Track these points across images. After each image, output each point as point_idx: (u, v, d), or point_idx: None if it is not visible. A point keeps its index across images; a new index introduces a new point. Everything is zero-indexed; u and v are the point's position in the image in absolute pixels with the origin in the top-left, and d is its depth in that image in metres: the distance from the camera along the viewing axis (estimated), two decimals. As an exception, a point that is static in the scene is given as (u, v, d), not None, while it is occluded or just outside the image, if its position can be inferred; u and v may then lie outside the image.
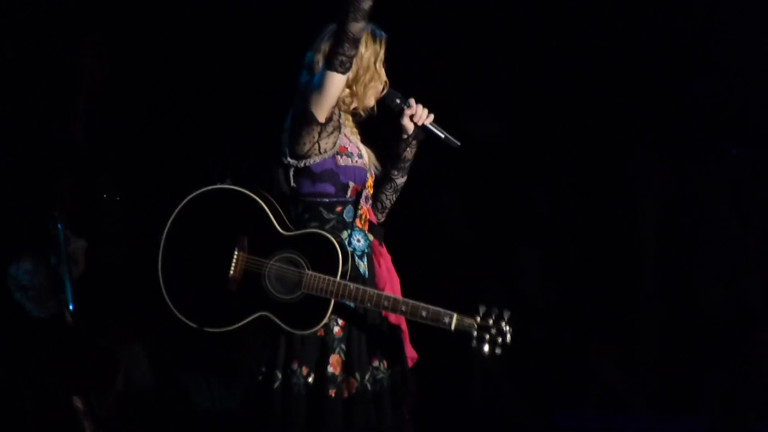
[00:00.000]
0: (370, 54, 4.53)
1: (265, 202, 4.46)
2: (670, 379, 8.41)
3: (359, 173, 4.57)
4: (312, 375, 4.48)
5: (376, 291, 4.45)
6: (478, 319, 4.40)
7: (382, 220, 4.76)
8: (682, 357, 8.40)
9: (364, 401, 4.48)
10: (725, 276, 8.45)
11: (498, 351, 4.39)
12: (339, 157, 4.52)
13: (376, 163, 4.72)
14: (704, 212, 8.47)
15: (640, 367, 8.49)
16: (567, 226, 8.46)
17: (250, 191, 4.48)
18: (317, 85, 4.42)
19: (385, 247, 4.72)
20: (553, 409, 8.24)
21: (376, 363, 4.55)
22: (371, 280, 4.59)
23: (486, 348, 4.38)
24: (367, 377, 4.52)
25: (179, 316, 4.46)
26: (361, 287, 4.42)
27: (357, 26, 4.32)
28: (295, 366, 4.47)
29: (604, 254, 8.55)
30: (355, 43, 4.34)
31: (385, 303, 4.41)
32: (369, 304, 4.42)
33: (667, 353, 8.44)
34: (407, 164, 4.72)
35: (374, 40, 4.56)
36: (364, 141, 4.70)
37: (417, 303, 4.40)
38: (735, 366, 8.31)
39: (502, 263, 8.32)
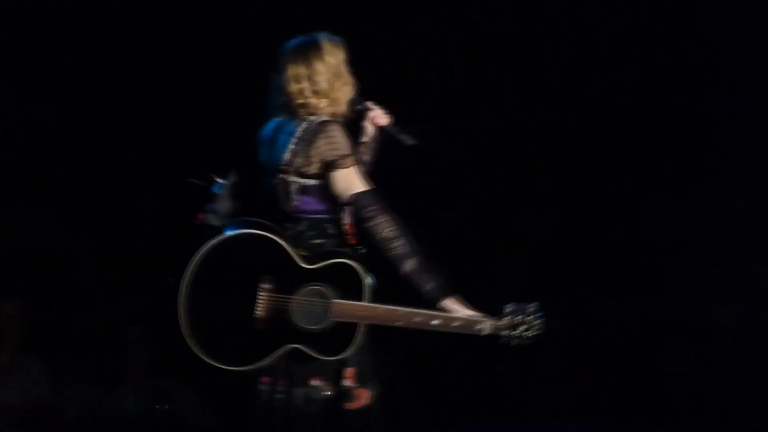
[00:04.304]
0: (336, 61, 4.59)
1: (280, 238, 4.46)
2: (577, 389, 8.54)
3: None
4: (332, 389, 4.51)
5: (405, 309, 4.45)
6: (508, 319, 4.51)
7: None
8: (589, 367, 8.56)
9: (378, 409, 4.56)
10: (634, 286, 8.63)
11: (527, 343, 4.52)
12: None
13: None
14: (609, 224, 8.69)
15: (546, 378, 8.61)
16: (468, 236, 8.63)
17: (266, 230, 4.48)
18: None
19: None
20: (455, 423, 8.27)
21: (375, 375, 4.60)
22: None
23: (516, 343, 4.50)
24: (376, 386, 4.58)
25: (206, 359, 4.43)
26: (391, 307, 4.44)
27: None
28: (315, 382, 4.51)
29: (510, 264, 8.70)
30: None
31: (417, 319, 4.45)
32: (400, 323, 4.46)
33: (574, 364, 8.59)
34: (366, 168, 4.75)
35: (334, 46, 4.60)
36: None
37: (448, 314, 4.46)
38: (644, 375, 8.48)
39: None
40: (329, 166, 4.47)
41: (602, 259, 8.72)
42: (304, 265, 4.45)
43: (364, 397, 4.55)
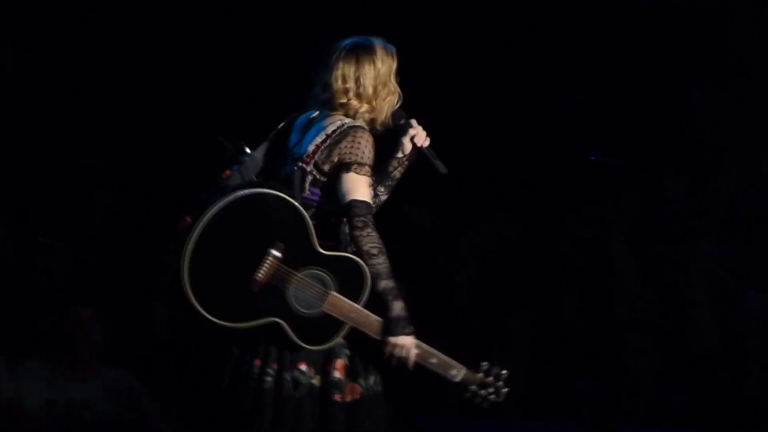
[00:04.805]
0: (386, 69, 4.62)
1: (308, 215, 4.49)
2: (540, 383, 8.57)
3: (376, 201, 4.69)
4: (319, 378, 4.54)
5: None
6: (481, 375, 4.60)
7: None
8: (552, 361, 8.60)
9: (368, 405, 4.56)
10: (594, 280, 8.63)
11: (485, 405, 4.60)
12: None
13: None
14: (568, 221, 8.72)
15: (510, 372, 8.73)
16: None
17: (297, 202, 4.50)
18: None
19: None
20: (416, 413, 8.16)
21: (373, 370, 4.61)
22: None
23: (478, 401, 4.60)
24: (371, 382, 4.60)
25: (192, 299, 4.43)
26: (382, 320, 4.45)
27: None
28: (304, 367, 4.54)
29: (474, 258, 8.72)
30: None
31: None
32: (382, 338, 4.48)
33: (537, 357, 8.64)
34: (394, 183, 4.79)
35: (387, 54, 4.64)
36: None
37: (429, 348, 4.54)
38: (605, 370, 8.49)
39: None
40: (343, 166, 4.52)
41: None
42: (317, 247, 4.48)
43: (354, 392, 4.57)
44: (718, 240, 8.65)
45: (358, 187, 4.50)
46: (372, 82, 4.59)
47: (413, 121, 4.74)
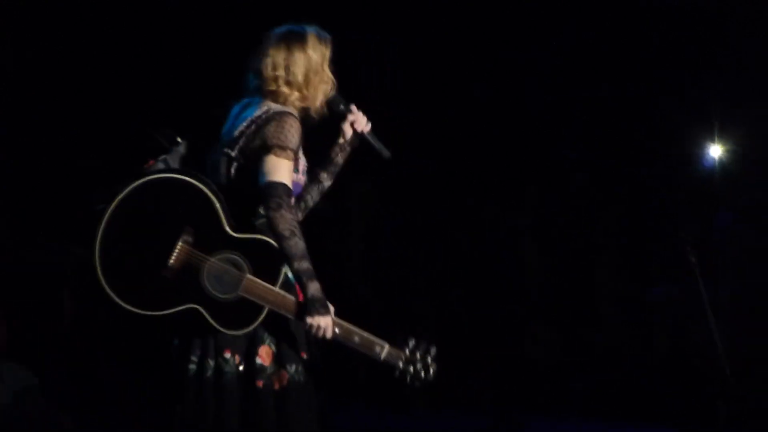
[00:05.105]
0: (318, 57, 4.57)
1: (217, 199, 4.42)
2: (444, 374, 8.68)
3: (297, 189, 4.59)
4: (243, 365, 4.46)
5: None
6: (407, 352, 4.49)
7: (300, 219, 4.69)
8: (453, 353, 8.69)
9: (296, 393, 4.48)
10: (498, 270, 8.72)
11: (417, 384, 4.49)
12: (293, 172, 4.52)
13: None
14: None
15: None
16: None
17: (206, 186, 4.43)
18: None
19: None
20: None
21: (304, 356, 4.52)
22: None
23: (408, 380, 4.48)
24: (298, 369, 4.50)
25: (106, 288, 4.37)
26: (305, 304, 4.38)
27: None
28: (228, 355, 4.46)
29: (377, 246, 8.81)
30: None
31: None
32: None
33: (442, 350, 8.74)
34: (337, 169, 4.78)
35: (320, 41, 4.58)
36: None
37: (351, 327, 4.45)
38: (505, 361, 8.58)
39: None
40: (264, 149, 4.45)
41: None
42: (229, 230, 4.41)
43: (282, 379, 4.49)
44: (625, 234, 8.70)
45: (277, 170, 4.42)
46: (302, 69, 4.54)
47: (353, 107, 4.72)
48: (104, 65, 8.22)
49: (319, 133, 4.71)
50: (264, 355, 4.48)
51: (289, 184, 4.44)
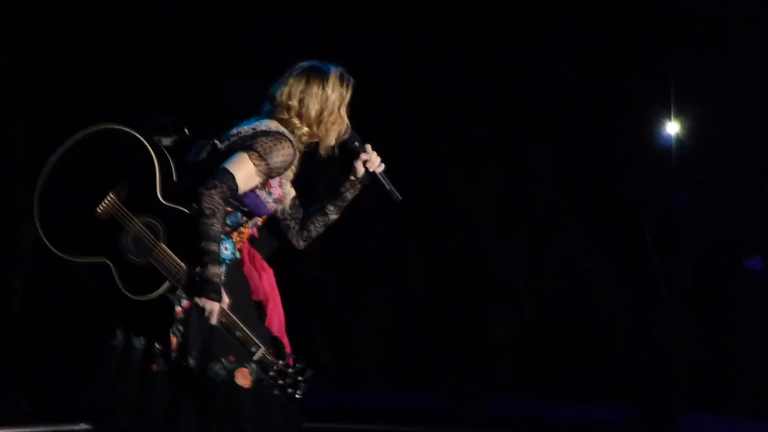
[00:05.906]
0: (336, 97, 4.56)
1: (160, 162, 4.45)
2: (404, 354, 8.65)
3: (262, 209, 4.58)
4: (145, 343, 4.50)
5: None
6: (281, 363, 4.45)
7: (302, 247, 4.75)
8: (415, 333, 8.66)
9: (193, 385, 4.47)
10: (458, 250, 8.72)
11: (284, 400, 4.45)
12: (260, 189, 4.55)
13: (288, 208, 4.71)
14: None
15: (372, 343, 8.70)
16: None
17: (153, 148, 4.46)
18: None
19: (266, 264, 4.70)
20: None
21: (220, 357, 4.49)
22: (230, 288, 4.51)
23: (278, 391, 4.42)
24: (217, 368, 4.49)
25: (39, 229, 4.45)
26: (198, 282, 4.39)
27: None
28: (139, 333, 4.51)
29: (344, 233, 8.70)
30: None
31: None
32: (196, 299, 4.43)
33: (401, 329, 8.70)
34: (344, 204, 4.74)
35: (341, 83, 4.58)
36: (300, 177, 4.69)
37: (236, 321, 4.43)
38: (468, 341, 8.54)
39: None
40: (244, 147, 4.46)
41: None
42: (159, 196, 4.44)
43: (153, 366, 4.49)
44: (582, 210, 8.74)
45: (239, 166, 4.43)
46: (317, 106, 4.54)
47: (367, 146, 4.68)
48: (104, 65, 8.28)
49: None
50: (173, 345, 4.49)
51: (240, 185, 4.44)
